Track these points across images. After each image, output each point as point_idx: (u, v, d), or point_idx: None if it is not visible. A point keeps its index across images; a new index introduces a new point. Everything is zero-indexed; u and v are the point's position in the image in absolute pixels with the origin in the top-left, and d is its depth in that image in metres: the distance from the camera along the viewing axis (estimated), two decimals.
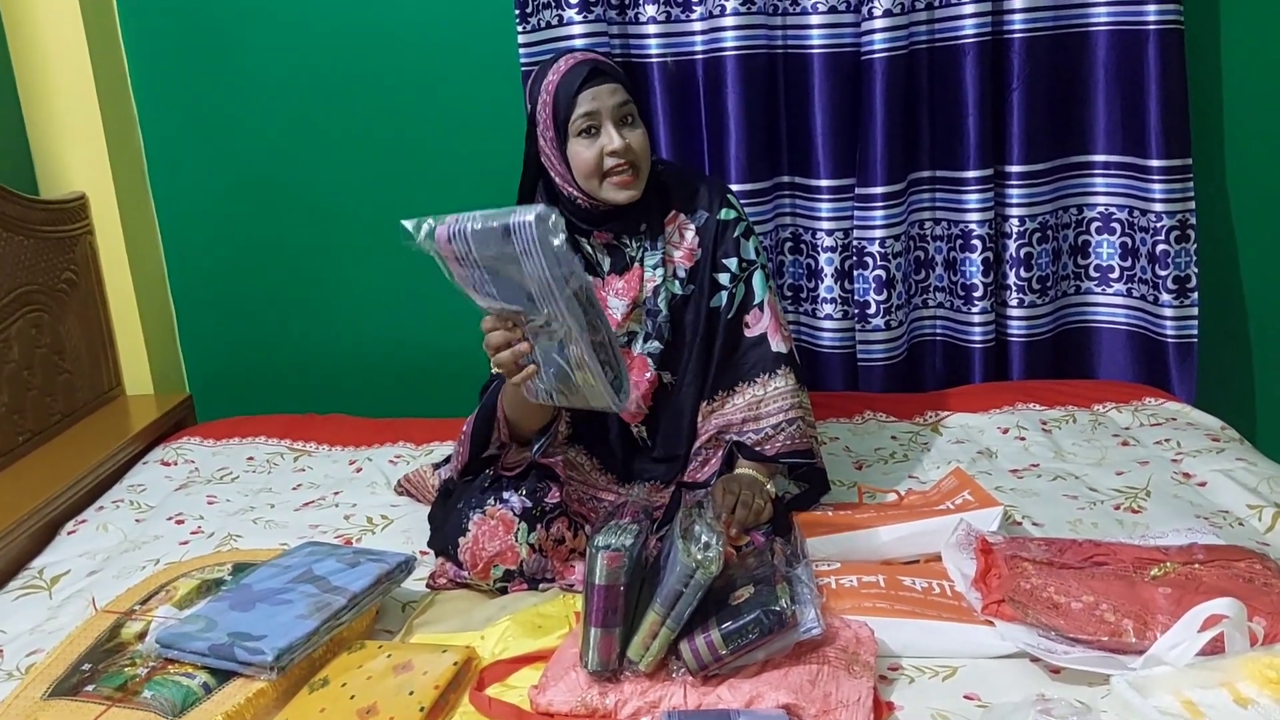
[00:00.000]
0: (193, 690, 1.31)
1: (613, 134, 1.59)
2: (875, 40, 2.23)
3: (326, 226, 2.57)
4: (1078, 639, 1.30)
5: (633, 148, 1.60)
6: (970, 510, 1.61)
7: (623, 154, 1.59)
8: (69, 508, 1.99)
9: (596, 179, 1.61)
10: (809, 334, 2.48)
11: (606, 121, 1.59)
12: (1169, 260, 2.30)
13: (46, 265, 2.27)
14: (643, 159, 1.63)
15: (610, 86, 1.59)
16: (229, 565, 1.63)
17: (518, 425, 1.66)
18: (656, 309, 1.71)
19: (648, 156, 1.65)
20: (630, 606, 1.32)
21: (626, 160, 1.60)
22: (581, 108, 1.59)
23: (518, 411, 1.63)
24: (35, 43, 2.34)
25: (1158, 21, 2.21)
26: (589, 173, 1.61)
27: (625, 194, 1.62)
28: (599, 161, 1.60)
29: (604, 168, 1.60)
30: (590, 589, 1.31)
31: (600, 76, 1.59)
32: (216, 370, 2.68)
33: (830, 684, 1.25)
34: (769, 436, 1.69)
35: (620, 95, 1.60)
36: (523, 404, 1.58)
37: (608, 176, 1.61)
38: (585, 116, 1.59)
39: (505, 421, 1.66)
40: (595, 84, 1.59)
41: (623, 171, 1.60)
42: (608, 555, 1.30)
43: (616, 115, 1.59)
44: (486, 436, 1.69)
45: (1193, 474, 1.87)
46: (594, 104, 1.58)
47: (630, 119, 1.61)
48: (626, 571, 1.31)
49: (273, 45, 2.46)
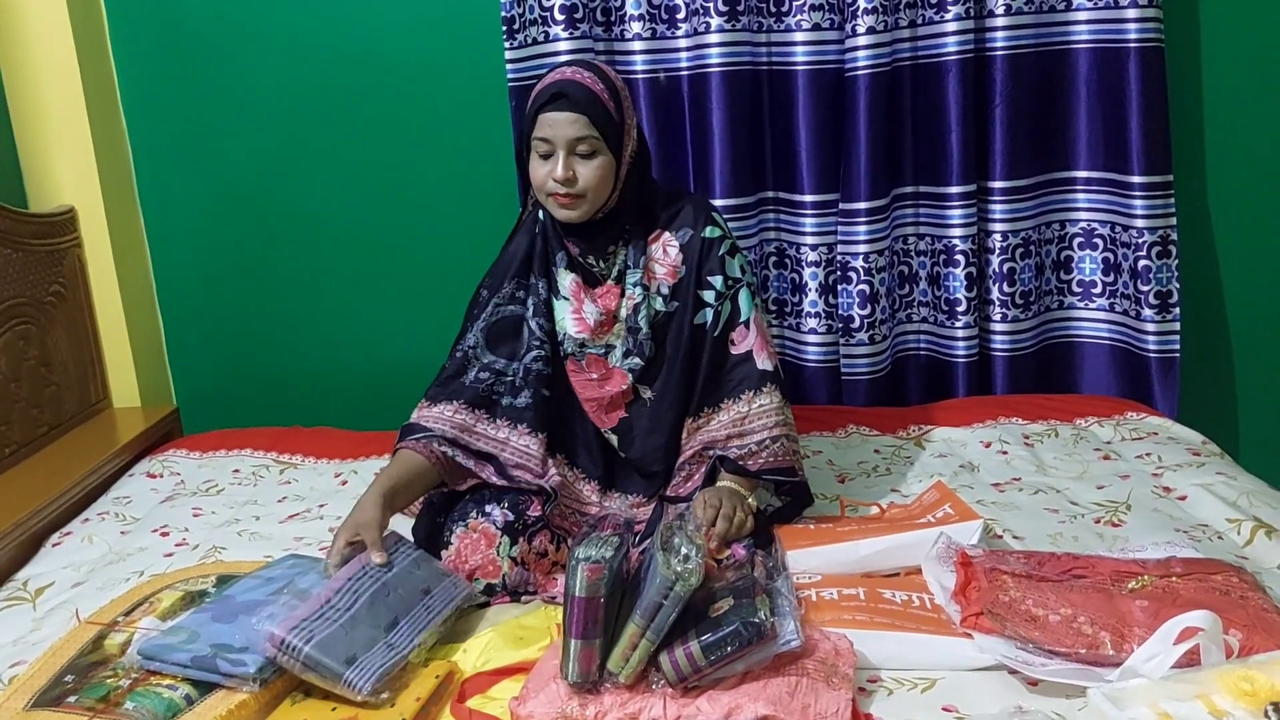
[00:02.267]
0: (175, 702, 1.31)
1: (559, 164, 1.60)
2: (859, 57, 2.25)
3: (313, 241, 2.58)
4: (1055, 651, 1.30)
5: (576, 180, 1.61)
6: (951, 523, 1.62)
7: (563, 185, 1.61)
8: (55, 520, 1.99)
9: (543, 194, 1.66)
10: (793, 348, 2.49)
11: (559, 149, 1.60)
12: (1151, 276, 2.32)
13: (35, 278, 2.27)
14: (592, 189, 1.63)
15: (570, 116, 1.59)
16: (213, 577, 1.63)
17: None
18: (638, 326, 1.72)
19: (602, 189, 1.64)
20: (610, 619, 1.33)
21: (566, 191, 1.62)
22: (539, 130, 1.62)
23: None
24: (25, 57, 2.35)
25: (1138, 39, 2.24)
26: (538, 187, 1.66)
27: (563, 214, 1.66)
28: (544, 181, 1.63)
29: (547, 189, 1.64)
30: (570, 601, 1.31)
31: (561, 102, 1.59)
32: (203, 383, 2.68)
33: (809, 696, 1.26)
34: (753, 453, 1.69)
35: (579, 128, 1.59)
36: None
37: (551, 195, 1.64)
38: (541, 140, 1.62)
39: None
40: (554, 109, 1.60)
41: (563, 196, 1.63)
42: (588, 567, 1.31)
43: (570, 146, 1.60)
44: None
45: (1173, 488, 1.88)
46: (550, 130, 1.60)
47: (588, 151, 1.61)
48: (606, 584, 1.31)
49: (261, 61, 2.47)
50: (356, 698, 1.30)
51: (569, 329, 1.75)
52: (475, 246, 2.42)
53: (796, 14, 2.29)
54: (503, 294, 1.77)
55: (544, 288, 1.75)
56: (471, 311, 1.80)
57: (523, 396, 1.73)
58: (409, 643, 1.39)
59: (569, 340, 1.75)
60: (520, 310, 1.76)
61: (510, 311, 1.77)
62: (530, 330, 1.75)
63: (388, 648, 1.37)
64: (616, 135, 1.63)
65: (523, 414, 1.72)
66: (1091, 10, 2.27)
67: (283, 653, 1.31)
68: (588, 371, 1.76)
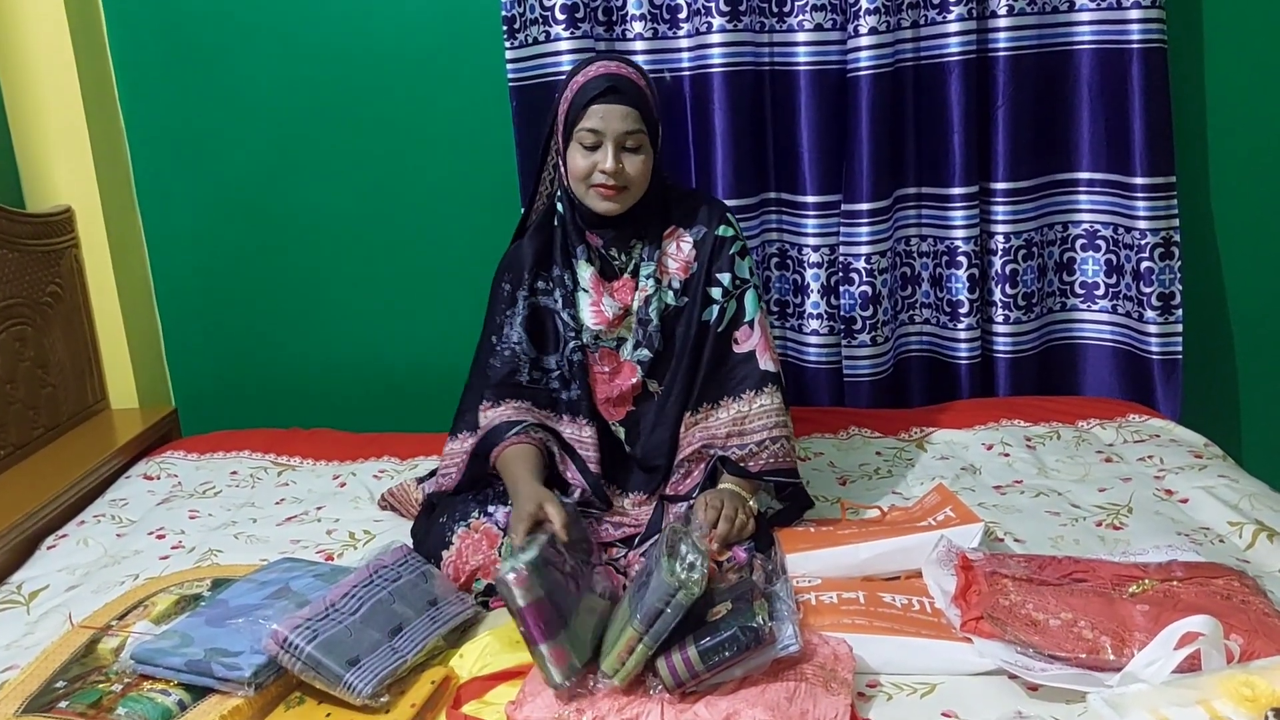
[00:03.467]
0: (168, 707, 1.30)
1: (609, 155, 1.61)
2: (861, 58, 2.24)
3: (312, 241, 2.57)
4: (1055, 656, 1.29)
5: (625, 172, 1.63)
6: (952, 527, 1.61)
7: (612, 176, 1.62)
8: (50, 522, 1.99)
9: (583, 185, 1.65)
10: (795, 349, 2.48)
11: (608, 142, 1.61)
12: (1153, 277, 2.30)
13: (32, 278, 2.26)
14: (635, 183, 1.65)
15: (622, 110, 1.61)
16: (208, 581, 1.63)
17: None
18: (648, 318, 1.73)
19: (643, 182, 1.67)
20: (566, 606, 1.33)
21: (614, 183, 1.62)
22: (588, 121, 1.62)
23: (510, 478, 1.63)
24: (22, 56, 2.34)
25: (1141, 40, 2.23)
26: (577, 178, 1.65)
27: (604, 205, 1.66)
28: (589, 172, 1.63)
29: (591, 180, 1.63)
30: (517, 616, 1.31)
31: (614, 95, 1.61)
32: (201, 384, 2.67)
33: (807, 701, 1.25)
34: (753, 453, 1.69)
35: (630, 122, 1.62)
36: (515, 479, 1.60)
37: (593, 186, 1.64)
38: (589, 131, 1.62)
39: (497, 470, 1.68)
40: (606, 101, 1.61)
41: (608, 187, 1.63)
42: (514, 578, 1.31)
43: (619, 139, 1.62)
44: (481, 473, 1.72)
45: (1175, 491, 1.87)
46: (600, 123, 1.61)
47: (635, 145, 1.63)
48: (540, 581, 1.31)
49: (260, 60, 2.46)
50: (355, 700, 1.29)
51: (587, 321, 1.75)
52: (475, 247, 2.42)
53: (798, 14, 2.28)
54: (526, 286, 1.76)
55: (569, 279, 1.75)
56: (498, 306, 1.79)
57: (574, 388, 1.74)
58: (412, 648, 1.38)
59: (585, 332, 1.76)
60: (549, 303, 1.76)
61: (540, 304, 1.76)
62: (563, 321, 1.75)
63: (391, 651, 1.36)
64: (655, 131, 1.67)
65: (579, 405, 1.74)
66: (1094, 11, 2.26)
67: (285, 651, 1.30)
68: (600, 364, 1.76)
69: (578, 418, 1.74)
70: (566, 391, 1.75)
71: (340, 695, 1.30)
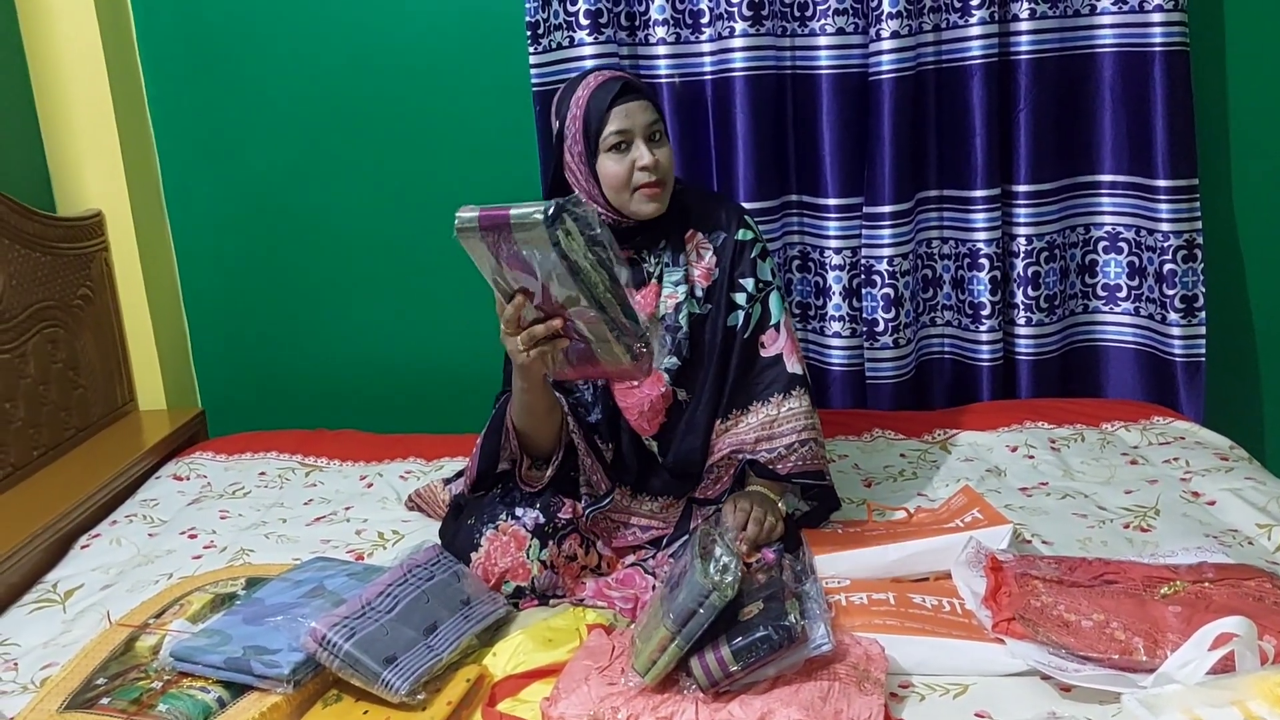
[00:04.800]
0: (208, 704, 1.32)
1: (643, 150, 1.62)
2: (883, 61, 2.25)
3: (338, 244, 2.59)
4: (1088, 657, 1.30)
5: (661, 164, 1.64)
6: (980, 528, 1.61)
7: (653, 170, 1.62)
8: (83, 522, 2.01)
9: (626, 192, 1.64)
10: (817, 352, 2.49)
11: (638, 138, 1.62)
12: (1176, 279, 2.31)
13: (63, 281, 2.29)
14: (669, 175, 1.67)
15: (641, 104, 1.63)
16: (242, 580, 1.64)
17: (527, 435, 1.67)
18: (677, 325, 1.72)
19: (673, 174, 1.68)
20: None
21: (656, 176, 1.63)
22: (614, 124, 1.61)
23: (526, 420, 1.65)
24: (54, 63, 2.37)
25: (1163, 43, 2.23)
26: (619, 186, 1.64)
27: (652, 206, 1.65)
28: (629, 176, 1.63)
29: (634, 182, 1.63)
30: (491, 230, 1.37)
31: (632, 93, 1.63)
32: (229, 386, 2.69)
33: (841, 701, 1.25)
34: (782, 456, 1.70)
35: (651, 113, 1.63)
36: (531, 412, 1.61)
37: (637, 190, 1.64)
38: (617, 133, 1.62)
39: (515, 432, 1.67)
40: (627, 100, 1.62)
41: (652, 185, 1.63)
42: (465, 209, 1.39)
43: (647, 133, 1.63)
44: (495, 449, 1.70)
45: (1202, 493, 1.87)
46: (626, 121, 1.61)
47: (658, 136, 1.64)
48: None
49: (286, 67, 2.48)
50: (393, 698, 1.30)
51: None
52: None
53: (820, 18, 2.29)
54: None
55: None
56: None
57: (595, 412, 1.74)
58: (448, 646, 1.40)
59: None
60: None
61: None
62: None
63: (427, 649, 1.37)
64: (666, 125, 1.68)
65: (597, 428, 1.74)
66: (1116, 14, 2.27)
67: (323, 648, 1.32)
68: None
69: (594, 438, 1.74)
70: (588, 414, 1.75)
71: (378, 693, 1.31)
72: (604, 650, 1.39)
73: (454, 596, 1.49)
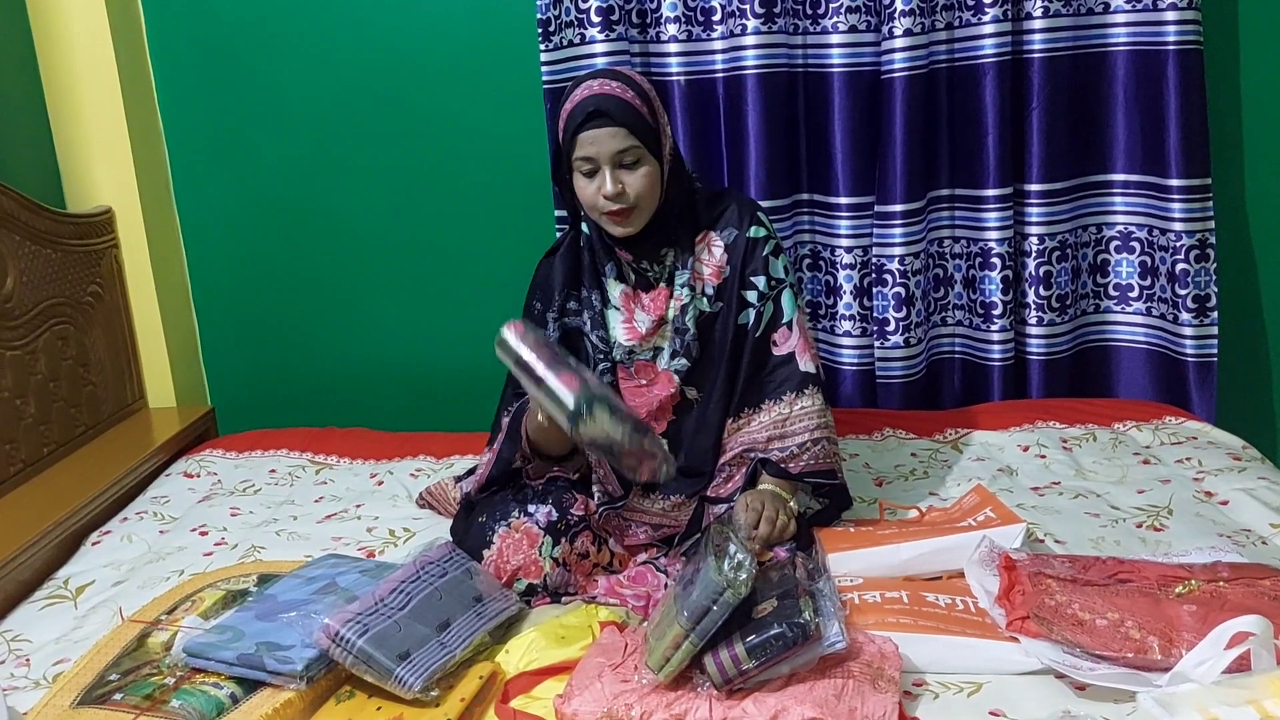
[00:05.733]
0: (221, 700, 1.32)
1: (607, 179, 1.59)
2: (895, 59, 2.24)
3: (348, 242, 2.59)
4: (1103, 656, 1.29)
5: (627, 193, 1.60)
6: (993, 527, 1.60)
7: (614, 199, 1.60)
8: (94, 518, 2.01)
9: (595, 213, 1.65)
10: (828, 351, 2.48)
11: (604, 166, 1.59)
12: (1188, 279, 2.30)
13: (73, 279, 2.29)
14: (643, 198, 1.62)
15: (610, 130, 1.58)
16: (253, 576, 1.64)
17: (541, 444, 1.68)
18: (684, 327, 1.71)
19: (651, 196, 1.63)
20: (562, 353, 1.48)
21: (618, 205, 1.61)
22: (580, 150, 1.60)
23: (542, 435, 1.65)
24: (65, 62, 2.38)
25: (1177, 42, 2.22)
26: (588, 205, 1.65)
27: (619, 230, 1.65)
28: (594, 200, 1.62)
29: (599, 207, 1.62)
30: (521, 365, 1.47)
31: (599, 119, 1.57)
32: (239, 383, 2.69)
33: (855, 699, 1.25)
34: (794, 455, 1.69)
35: (620, 140, 1.58)
36: (546, 430, 1.61)
37: (604, 214, 1.63)
38: (583, 159, 1.61)
39: (528, 441, 1.68)
40: (594, 127, 1.58)
41: (615, 213, 1.62)
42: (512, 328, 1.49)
43: (615, 160, 1.59)
44: (511, 458, 1.72)
45: (1214, 492, 1.86)
46: (591, 149, 1.59)
47: (633, 161, 1.60)
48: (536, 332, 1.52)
49: (296, 64, 2.49)
50: (406, 695, 1.30)
51: (619, 338, 1.74)
52: (509, 249, 2.44)
53: (833, 16, 2.28)
54: (556, 308, 1.76)
55: (598, 299, 1.74)
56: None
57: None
58: (461, 643, 1.39)
59: (618, 349, 1.75)
60: (579, 323, 1.76)
61: (570, 325, 1.77)
62: (592, 344, 1.74)
63: (440, 646, 1.37)
64: (655, 140, 1.62)
65: None
66: (1129, 13, 2.26)
67: (336, 645, 1.32)
68: (636, 378, 1.75)
69: None
70: None
71: (391, 689, 1.31)
72: (617, 647, 1.39)
73: (466, 594, 1.49)
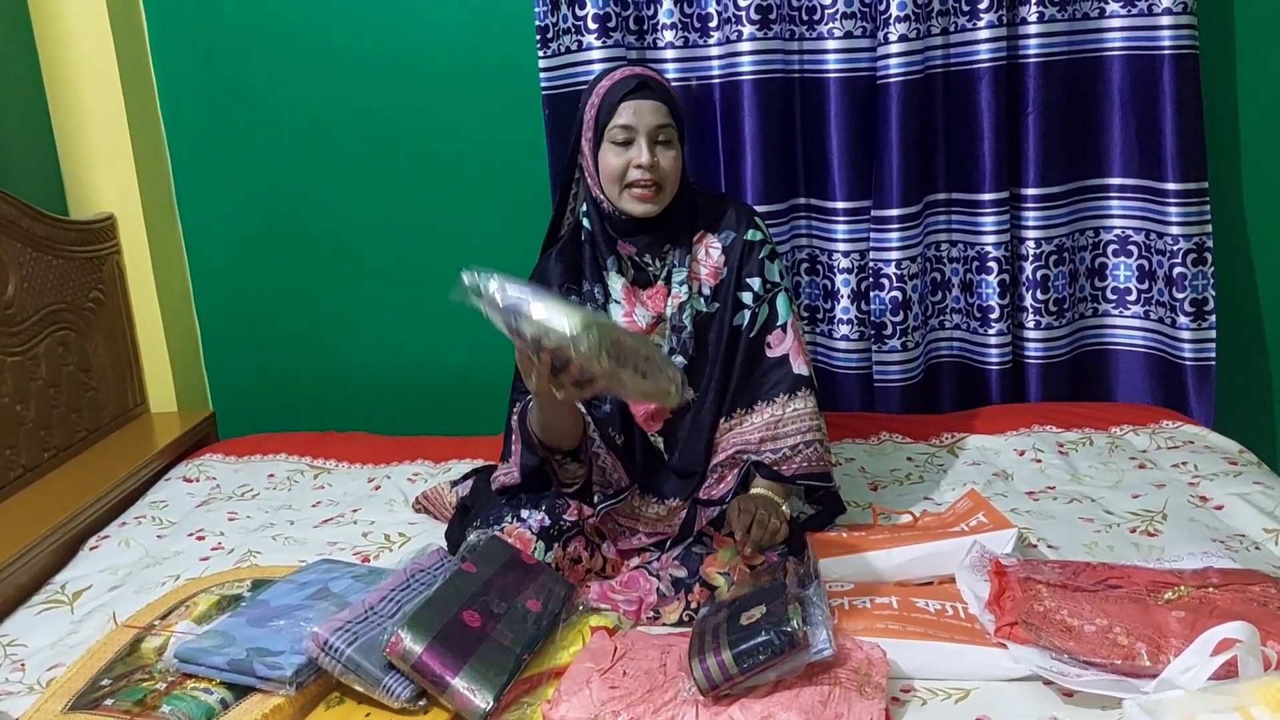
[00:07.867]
0: (211, 706, 1.33)
1: (644, 149, 1.62)
2: (891, 64, 2.25)
3: (348, 248, 2.60)
4: (1091, 662, 1.29)
5: (660, 167, 1.63)
6: (984, 532, 1.61)
7: (648, 170, 1.63)
8: (92, 523, 2.02)
9: (618, 187, 1.66)
10: (825, 354, 2.49)
11: (641, 137, 1.63)
12: (1186, 283, 2.29)
13: (75, 284, 2.31)
14: (669, 180, 1.66)
15: (653, 104, 1.63)
16: (248, 581, 1.65)
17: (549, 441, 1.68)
18: (682, 325, 1.73)
19: (676, 179, 1.68)
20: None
21: (651, 177, 1.63)
22: (620, 118, 1.63)
23: (549, 433, 1.66)
24: (67, 68, 2.39)
25: (1173, 46, 2.22)
26: (612, 179, 1.65)
27: (642, 207, 1.66)
28: (623, 171, 1.64)
29: (627, 179, 1.64)
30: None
31: (645, 91, 1.63)
32: (239, 388, 2.71)
33: (842, 705, 1.25)
34: (787, 457, 1.70)
35: (661, 116, 1.64)
36: (551, 425, 1.63)
37: (629, 187, 1.65)
38: (622, 128, 1.63)
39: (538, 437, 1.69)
40: (638, 97, 1.63)
41: (645, 186, 1.64)
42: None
43: (652, 134, 1.63)
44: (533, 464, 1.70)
45: (1210, 497, 1.86)
46: (633, 118, 1.62)
47: (667, 140, 1.64)
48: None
49: (296, 71, 2.50)
50: (394, 704, 1.31)
51: None
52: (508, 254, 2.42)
53: (828, 21, 2.29)
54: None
55: (600, 293, 1.75)
56: None
57: (606, 404, 1.75)
58: None
59: None
60: None
61: None
62: None
63: None
64: (682, 130, 1.68)
65: (610, 419, 1.74)
66: (1125, 17, 2.26)
67: (325, 653, 1.32)
68: None
69: (608, 430, 1.74)
70: (599, 405, 1.75)
71: (379, 699, 1.32)
72: (606, 653, 1.39)
73: None
